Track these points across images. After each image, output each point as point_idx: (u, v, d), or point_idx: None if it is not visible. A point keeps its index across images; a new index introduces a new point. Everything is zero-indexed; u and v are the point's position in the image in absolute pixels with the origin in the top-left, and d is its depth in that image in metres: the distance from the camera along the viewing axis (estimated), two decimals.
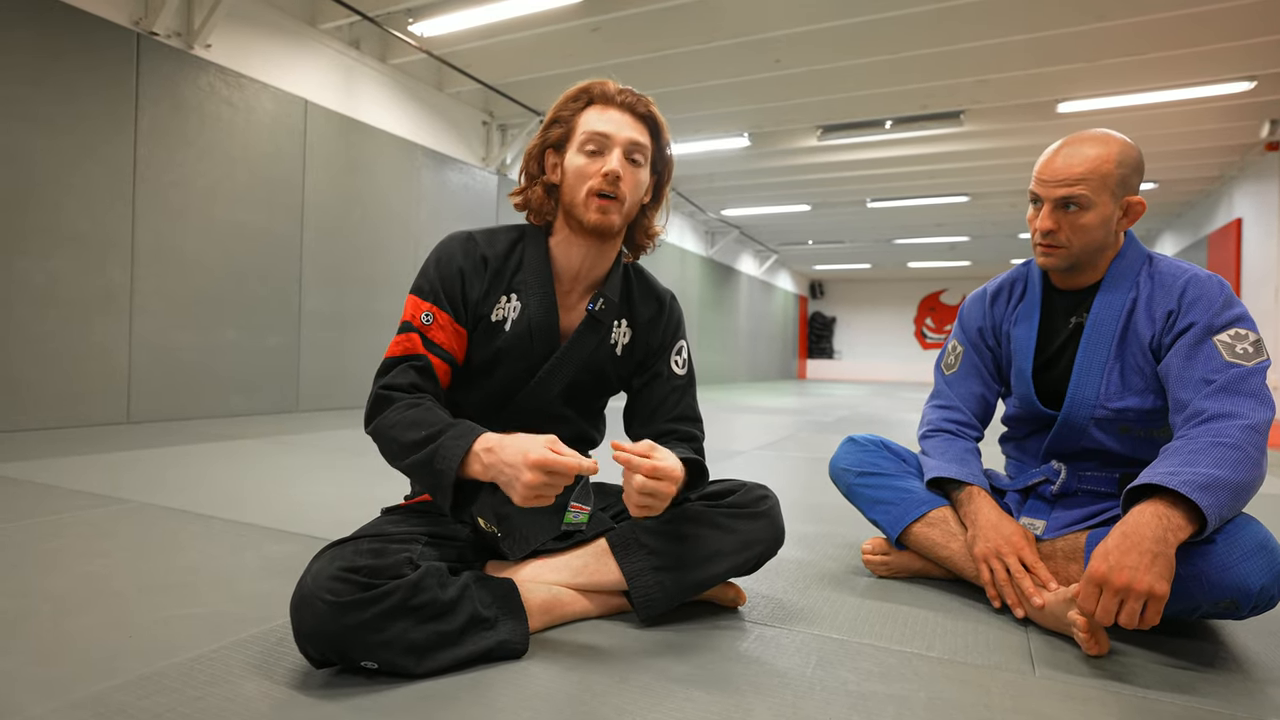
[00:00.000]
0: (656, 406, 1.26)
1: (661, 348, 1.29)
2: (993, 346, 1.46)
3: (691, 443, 1.24)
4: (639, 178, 1.17)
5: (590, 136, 1.14)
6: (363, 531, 1.04)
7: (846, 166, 8.06)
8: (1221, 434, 1.06)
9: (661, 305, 1.30)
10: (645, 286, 1.31)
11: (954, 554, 1.32)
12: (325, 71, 4.86)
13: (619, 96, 1.17)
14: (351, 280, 5.01)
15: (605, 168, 1.12)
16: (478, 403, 1.23)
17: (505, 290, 1.20)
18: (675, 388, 1.27)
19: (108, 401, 3.67)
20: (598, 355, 1.24)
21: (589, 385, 1.26)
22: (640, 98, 1.19)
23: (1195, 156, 7.43)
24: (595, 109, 1.16)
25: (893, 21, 4.61)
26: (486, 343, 1.19)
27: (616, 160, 1.13)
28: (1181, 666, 1.04)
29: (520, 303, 1.20)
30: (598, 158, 1.14)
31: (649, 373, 1.28)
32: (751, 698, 0.90)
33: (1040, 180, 1.26)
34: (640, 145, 1.16)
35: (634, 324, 1.27)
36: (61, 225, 3.45)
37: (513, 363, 1.20)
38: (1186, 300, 1.20)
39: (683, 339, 1.32)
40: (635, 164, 1.16)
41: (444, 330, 1.14)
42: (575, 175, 1.15)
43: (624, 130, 1.15)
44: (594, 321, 1.22)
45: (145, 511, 1.82)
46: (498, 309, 1.19)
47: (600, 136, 1.14)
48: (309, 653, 0.88)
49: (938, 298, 18.57)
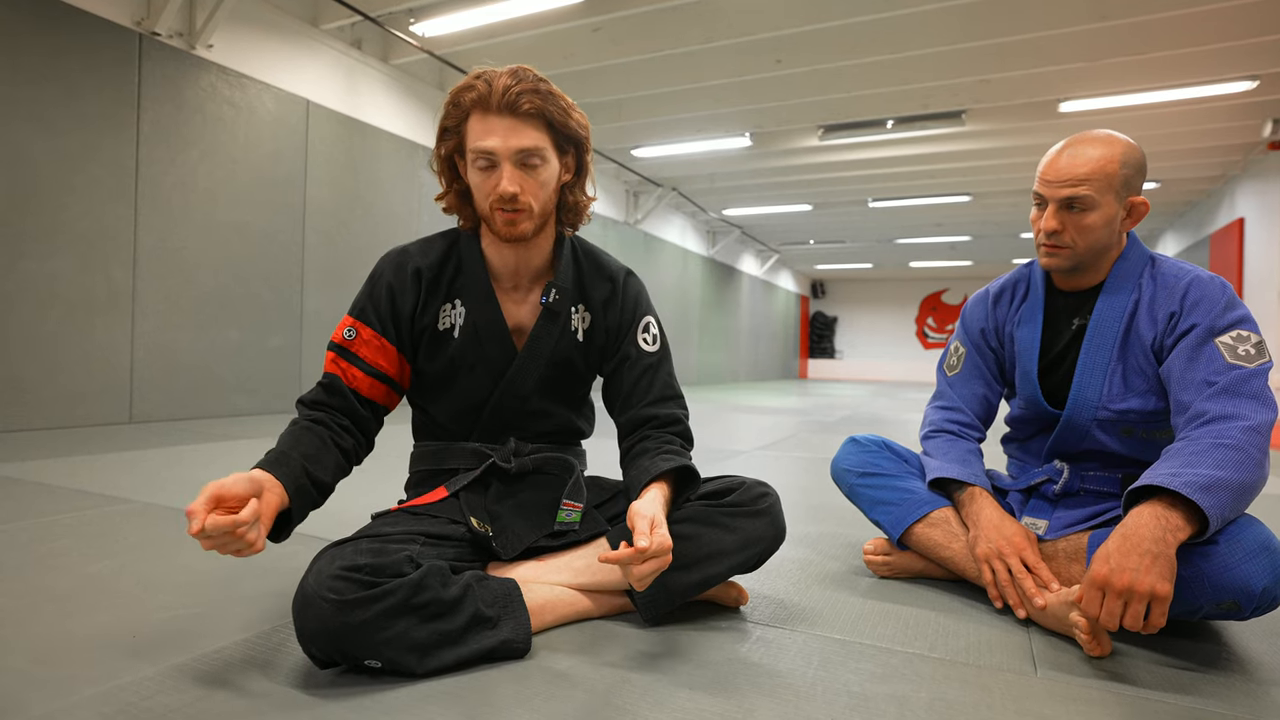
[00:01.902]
0: (631, 390, 1.23)
1: (622, 327, 1.25)
2: (995, 348, 1.46)
3: (674, 426, 1.21)
4: (540, 179, 1.11)
5: (476, 153, 1.09)
6: (361, 533, 1.05)
7: (848, 166, 8.06)
8: (1223, 435, 1.06)
9: (614, 284, 1.26)
10: (595, 266, 1.27)
11: (956, 554, 1.32)
12: (327, 72, 4.87)
13: (495, 99, 1.06)
14: (353, 280, 5.01)
15: (499, 188, 1.07)
16: (453, 412, 1.23)
17: (446, 297, 1.19)
18: (647, 367, 1.24)
19: (110, 402, 3.67)
20: (561, 346, 1.22)
21: (561, 377, 1.25)
22: (524, 88, 1.06)
23: (1197, 156, 7.42)
24: (476, 118, 1.08)
25: (894, 21, 4.61)
26: (439, 352, 1.19)
27: (507, 179, 1.07)
28: (1184, 667, 1.03)
29: (464, 307, 1.19)
30: (491, 172, 1.09)
31: (617, 356, 1.25)
32: (753, 698, 0.90)
33: (1044, 181, 1.26)
34: (532, 150, 1.08)
35: (590, 307, 1.25)
36: (63, 226, 3.45)
37: (470, 368, 1.19)
38: (1188, 302, 1.20)
39: (647, 314, 1.27)
40: (532, 168, 1.10)
41: (368, 345, 1.15)
42: (476, 191, 1.12)
43: (510, 140, 1.07)
44: (550, 314, 1.21)
45: (148, 511, 1.82)
46: (442, 317, 1.19)
47: (485, 152, 1.08)
48: (312, 652, 0.88)
49: (939, 297, 18.55)
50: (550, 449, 1.26)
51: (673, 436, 1.19)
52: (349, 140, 5.01)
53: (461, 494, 1.16)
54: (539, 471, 1.24)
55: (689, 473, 1.13)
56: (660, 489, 1.06)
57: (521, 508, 1.18)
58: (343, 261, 4.96)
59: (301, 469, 1.00)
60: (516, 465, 1.21)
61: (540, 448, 1.25)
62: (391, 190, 5.35)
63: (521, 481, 1.22)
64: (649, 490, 1.06)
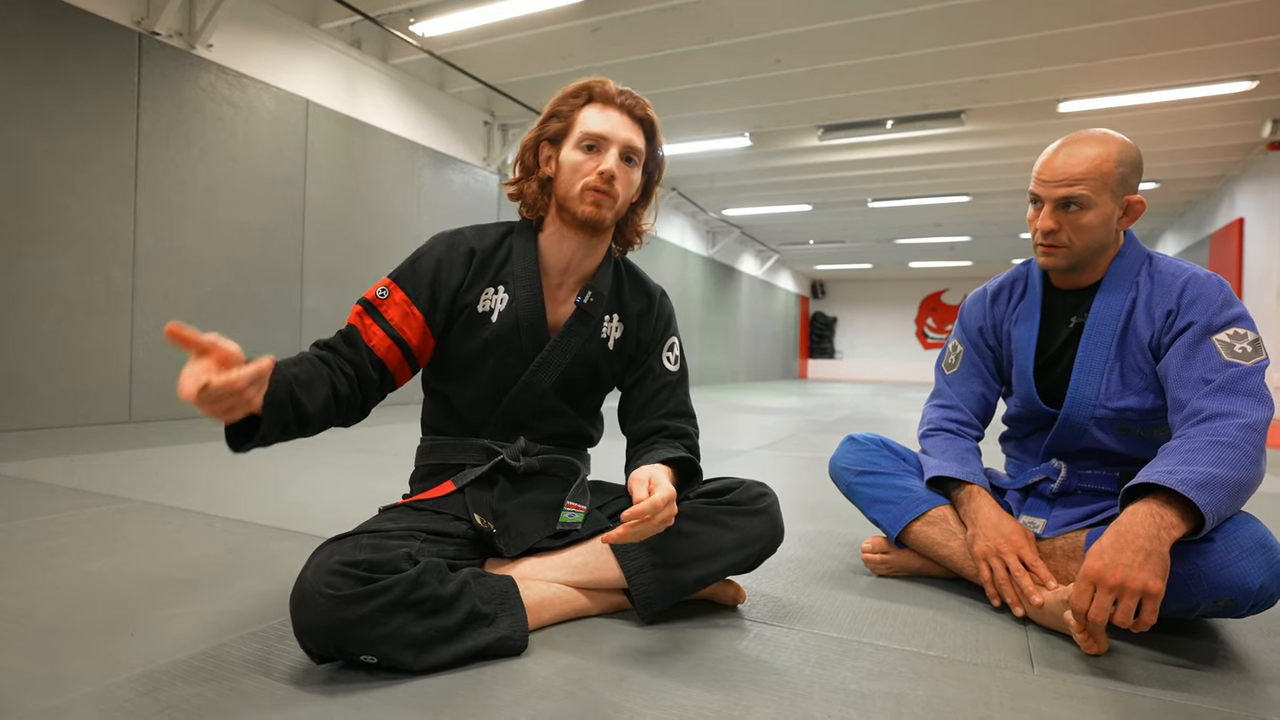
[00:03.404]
0: (647, 402, 1.27)
1: (652, 343, 1.30)
2: (993, 346, 1.46)
3: (684, 439, 1.25)
4: (632, 177, 1.20)
5: (588, 135, 1.16)
6: (361, 528, 1.05)
7: (847, 166, 8.06)
8: (1219, 433, 1.06)
9: (651, 300, 1.31)
10: (636, 281, 1.32)
11: (954, 552, 1.32)
12: (326, 71, 4.87)
13: (618, 98, 1.19)
14: (353, 280, 5.01)
15: (602, 166, 1.15)
16: (472, 398, 1.23)
17: (492, 282, 1.21)
18: (666, 384, 1.28)
19: (109, 401, 3.67)
20: (589, 348, 1.24)
21: (583, 380, 1.26)
22: (639, 100, 1.21)
23: (1197, 156, 7.42)
24: (595, 107, 1.18)
25: (893, 21, 4.61)
26: (473, 334, 1.20)
27: (613, 160, 1.15)
28: (1180, 665, 1.04)
29: (508, 295, 1.21)
30: (594, 155, 1.17)
31: (640, 368, 1.29)
32: (750, 696, 0.90)
33: (1040, 180, 1.26)
34: (636, 148, 1.19)
35: (625, 318, 1.28)
36: (63, 226, 3.45)
37: (501, 356, 1.20)
38: (1185, 300, 1.20)
39: (674, 335, 1.33)
40: (629, 164, 1.19)
41: (397, 307, 1.15)
42: (571, 170, 1.17)
43: (621, 131, 1.17)
44: (583, 314, 1.23)
45: (146, 510, 1.82)
46: (484, 299, 1.20)
47: (598, 136, 1.16)
48: (309, 647, 0.89)
49: (939, 298, 18.55)
50: (557, 451, 1.27)
51: (679, 444, 1.22)
52: (348, 140, 5.01)
53: (467, 490, 1.17)
54: (545, 472, 1.24)
55: (691, 467, 1.14)
56: (662, 468, 1.10)
57: (526, 507, 1.18)
58: (342, 261, 4.96)
59: (287, 384, 0.96)
60: (524, 464, 1.21)
61: (548, 449, 1.26)
62: (391, 190, 5.35)
63: (528, 481, 1.22)
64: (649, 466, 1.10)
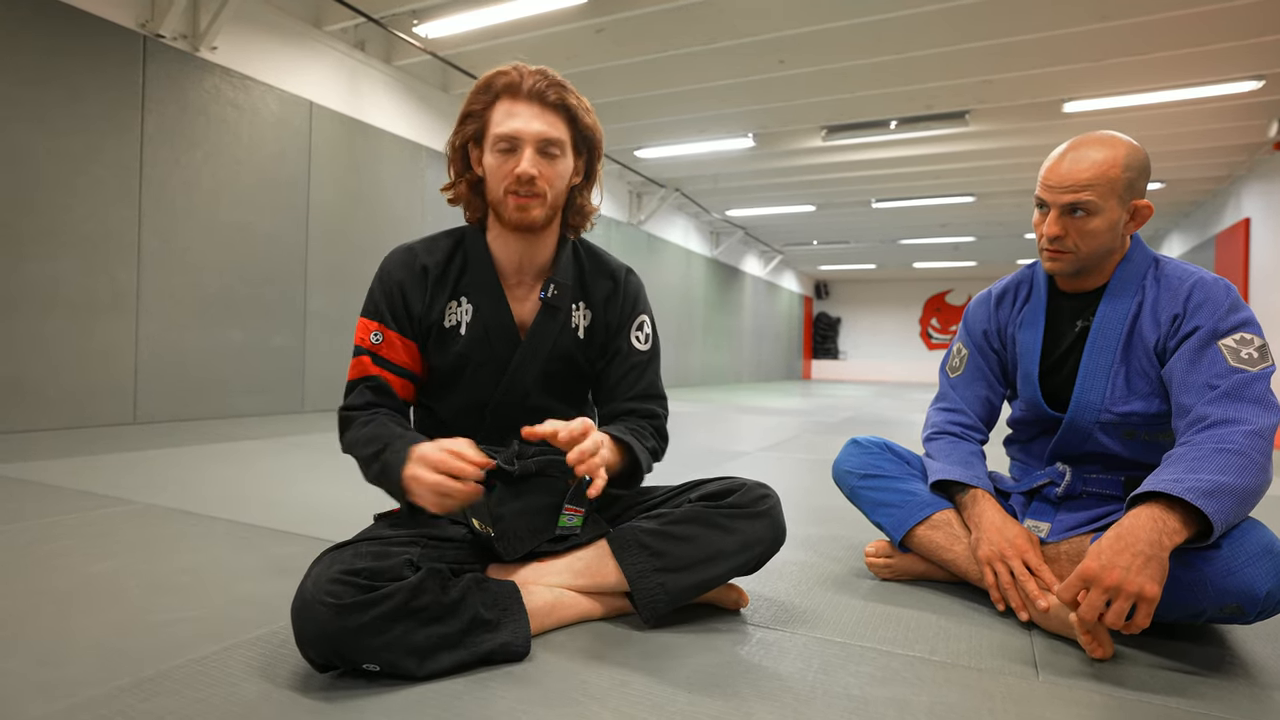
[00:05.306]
0: (616, 384, 1.25)
1: (620, 324, 1.27)
2: (998, 349, 1.45)
3: (651, 420, 1.24)
4: (557, 169, 1.15)
5: (499, 137, 1.12)
6: (361, 536, 1.05)
7: (851, 167, 8.04)
8: (1225, 440, 1.05)
9: (616, 281, 1.28)
10: (597, 264, 1.29)
11: (958, 557, 1.32)
12: (330, 73, 4.88)
13: (526, 86, 1.11)
14: (356, 281, 5.02)
15: (518, 169, 1.11)
16: (456, 409, 1.23)
17: (453, 295, 1.20)
18: (635, 365, 1.26)
19: (114, 402, 3.68)
20: (562, 341, 1.24)
21: (562, 374, 1.25)
22: (551, 83, 1.13)
23: (1202, 156, 7.39)
24: (504, 104, 1.13)
25: (897, 22, 4.60)
26: (445, 349, 1.20)
27: (529, 160, 1.11)
28: (1186, 671, 1.03)
29: (472, 305, 1.20)
30: (510, 156, 1.12)
31: (610, 350, 1.27)
32: (753, 702, 0.90)
33: (1046, 185, 1.25)
34: (552, 139, 1.12)
35: (591, 305, 1.26)
36: (67, 227, 3.47)
37: (477, 365, 1.20)
38: (1192, 304, 1.19)
39: (643, 314, 1.29)
40: (550, 157, 1.14)
41: (393, 347, 1.17)
42: (491, 175, 1.15)
43: (533, 125, 1.11)
44: (550, 309, 1.22)
45: (149, 512, 1.82)
46: (449, 314, 1.20)
47: (509, 137, 1.11)
48: (311, 657, 0.88)
49: (943, 298, 18.51)
50: (553, 451, 1.26)
51: (644, 424, 1.22)
52: (352, 141, 5.02)
53: None
54: (542, 474, 1.23)
55: (634, 462, 1.14)
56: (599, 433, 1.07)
57: (525, 511, 1.18)
58: (346, 262, 4.97)
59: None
60: (520, 468, 1.21)
61: (543, 450, 1.25)
62: (394, 191, 5.36)
63: (525, 484, 1.22)
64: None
